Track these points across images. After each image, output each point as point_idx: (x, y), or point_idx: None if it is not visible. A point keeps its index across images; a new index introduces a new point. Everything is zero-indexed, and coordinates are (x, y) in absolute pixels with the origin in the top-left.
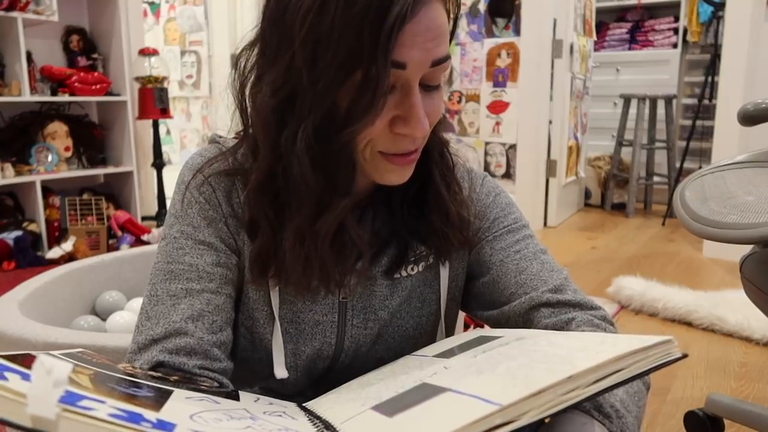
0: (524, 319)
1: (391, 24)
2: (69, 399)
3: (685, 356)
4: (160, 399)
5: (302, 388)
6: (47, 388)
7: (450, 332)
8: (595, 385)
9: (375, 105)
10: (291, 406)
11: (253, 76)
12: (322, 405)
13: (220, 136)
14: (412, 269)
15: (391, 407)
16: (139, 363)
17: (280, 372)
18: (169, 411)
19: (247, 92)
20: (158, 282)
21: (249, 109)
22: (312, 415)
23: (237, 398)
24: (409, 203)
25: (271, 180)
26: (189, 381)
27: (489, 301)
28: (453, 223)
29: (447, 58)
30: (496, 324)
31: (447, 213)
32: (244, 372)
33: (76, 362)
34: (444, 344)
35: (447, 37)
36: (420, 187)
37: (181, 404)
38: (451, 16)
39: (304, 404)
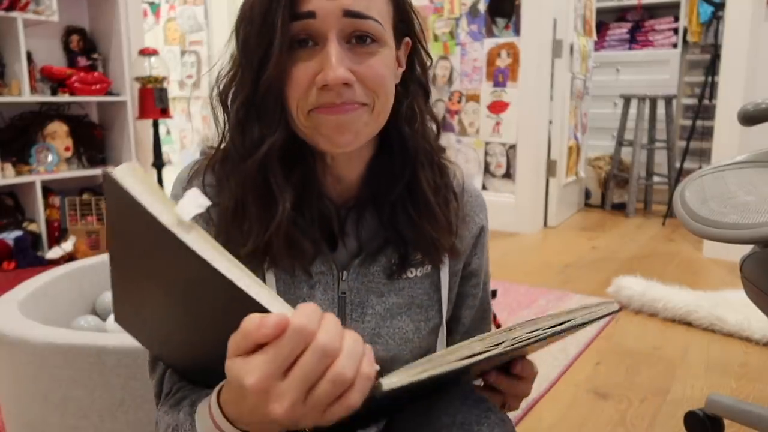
0: None
1: None
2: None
3: (619, 310)
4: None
5: None
6: (194, 203)
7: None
8: (552, 329)
9: (281, 53)
10: None
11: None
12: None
13: (210, 147)
14: (411, 273)
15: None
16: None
17: None
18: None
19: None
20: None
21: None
22: None
23: None
24: (398, 207)
25: (222, 154)
26: None
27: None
28: (442, 228)
29: (365, 16)
30: None
31: (435, 218)
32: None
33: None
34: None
35: (370, 1)
36: (409, 192)
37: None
38: None
39: None
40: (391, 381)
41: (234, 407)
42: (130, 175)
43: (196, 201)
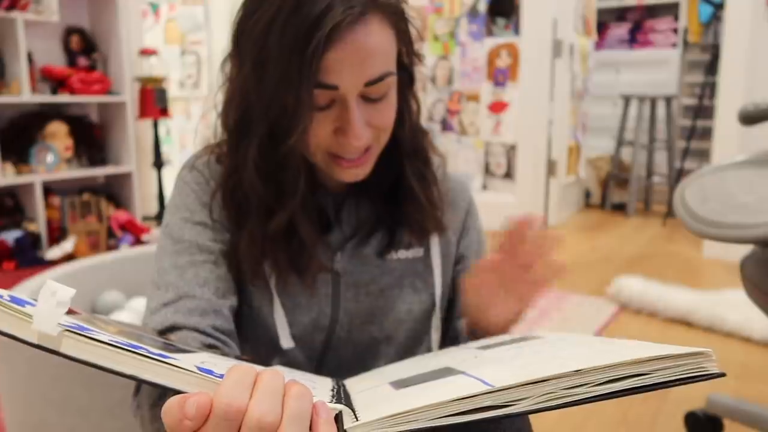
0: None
1: (312, 50)
2: (77, 328)
3: (722, 375)
4: (173, 348)
5: (302, 369)
6: (51, 308)
7: (449, 324)
8: (607, 385)
9: (302, 122)
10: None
11: (224, 90)
12: (350, 379)
13: (200, 155)
14: (402, 254)
15: (403, 383)
16: (152, 325)
17: (286, 342)
18: (177, 356)
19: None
20: (164, 259)
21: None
22: (335, 383)
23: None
24: (386, 194)
25: (233, 183)
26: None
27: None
28: (426, 211)
29: (384, 76)
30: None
31: (419, 203)
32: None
33: (102, 319)
34: (493, 339)
35: (384, 55)
36: (397, 179)
37: (193, 355)
38: (396, 27)
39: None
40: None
41: None
42: None
43: (52, 311)
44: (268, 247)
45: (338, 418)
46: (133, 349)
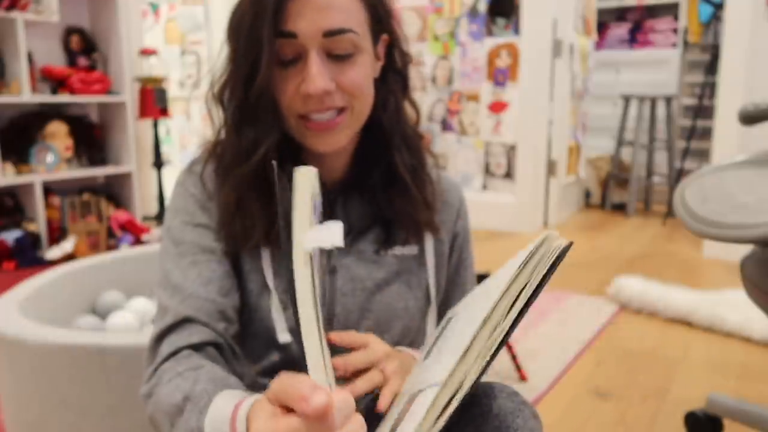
0: None
1: (273, 0)
2: None
3: (570, 243)
4: None
5: (299, 363)
6: None
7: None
8: (511, 312)
9: (269, 67)
10: None
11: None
12: None
13: (208, 142)
14: (398, 250)
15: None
16: (165, 322)
17: (284, 336)
18: None
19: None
20: (167, 261)
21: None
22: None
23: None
24: (379, 188)
25: (219, 151)
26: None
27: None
28: (418, 205)
29: (343, 30)
30: None
31: (412, 197)
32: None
33: None
34: (429, 340)
35: (344, 11)
36: (388, 174)
37: None
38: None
39: None
40: None
41: (257, 424)
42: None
43: (326, 236)
44: (245, 194)
45: None
46: None
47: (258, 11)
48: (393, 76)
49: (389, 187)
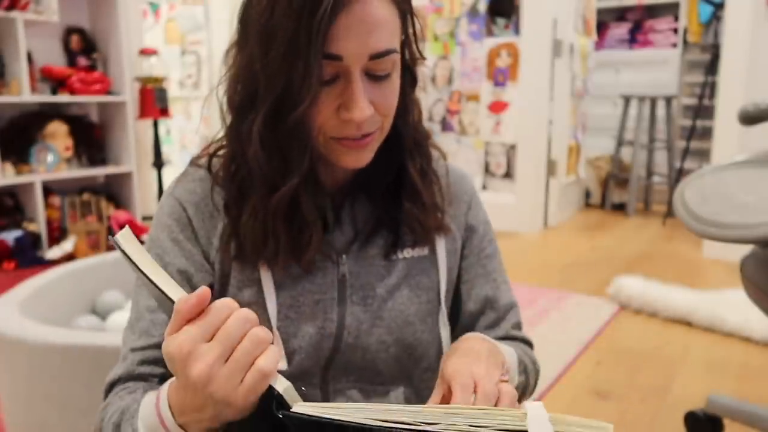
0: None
1: (320, 18)
2: None
3: None
4: None
5: (310, 373)
6: None
7: (454, 322)
8: None
9: (311, 93)
10: None
11: (229, 74)
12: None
13: (198, 157)
14: (408, 253)
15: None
16: (119, 375)
17: (282, 363)
18: None
19: (224, 89)
20: (138, 298)
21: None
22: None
23: None
24: (390, 191)
25: (236, 165)
26: None
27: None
28: (427, 209)
29: (388, 52)
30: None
31: (421, 200)
32: None
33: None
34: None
35: (389, 30)
36: (398, 177)
37: None
38: (400, 8)
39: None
40: (301, 407)
41: (174, 393)
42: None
43: None
44: (270, 224)
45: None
46: None
47: (301, 27)
48: (406, 76)
49: (400, 190)
